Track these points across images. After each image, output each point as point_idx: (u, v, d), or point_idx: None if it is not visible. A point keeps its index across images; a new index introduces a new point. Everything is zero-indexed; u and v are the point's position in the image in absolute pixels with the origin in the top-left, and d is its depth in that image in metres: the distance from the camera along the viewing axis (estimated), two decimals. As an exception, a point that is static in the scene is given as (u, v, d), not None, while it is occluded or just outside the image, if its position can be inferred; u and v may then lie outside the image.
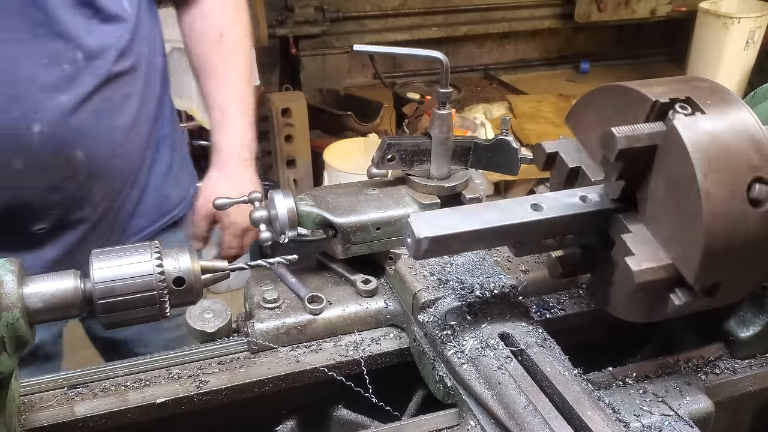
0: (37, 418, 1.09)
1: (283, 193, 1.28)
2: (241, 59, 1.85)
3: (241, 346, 1.24)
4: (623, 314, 1.08)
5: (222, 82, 1.83)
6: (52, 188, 1.62)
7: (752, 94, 1.52)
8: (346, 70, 6.08)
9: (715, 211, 0.90)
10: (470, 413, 1.07)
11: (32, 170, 1.56)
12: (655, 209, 1.00)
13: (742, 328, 1.22)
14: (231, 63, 1.84)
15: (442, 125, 1.30)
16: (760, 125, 0.99)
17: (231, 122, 1.82)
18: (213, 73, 1.83)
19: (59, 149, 1.57)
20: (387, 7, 6.51)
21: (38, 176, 1.58)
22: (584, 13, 6.99)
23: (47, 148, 1.55)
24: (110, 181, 1.71)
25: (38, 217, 1.65)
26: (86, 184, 1.66)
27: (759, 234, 0.93)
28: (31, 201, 1.62)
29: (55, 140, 1.56)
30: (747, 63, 6.41)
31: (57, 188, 1.62)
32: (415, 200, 1.31)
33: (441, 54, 1.26)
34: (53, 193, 1.62)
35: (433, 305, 1.18)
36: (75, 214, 1.70)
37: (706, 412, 1.09)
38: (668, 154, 0.95)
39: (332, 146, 4.68)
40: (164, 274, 0.98)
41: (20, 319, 0.90)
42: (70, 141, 1.58)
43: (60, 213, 1.67)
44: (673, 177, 0.95)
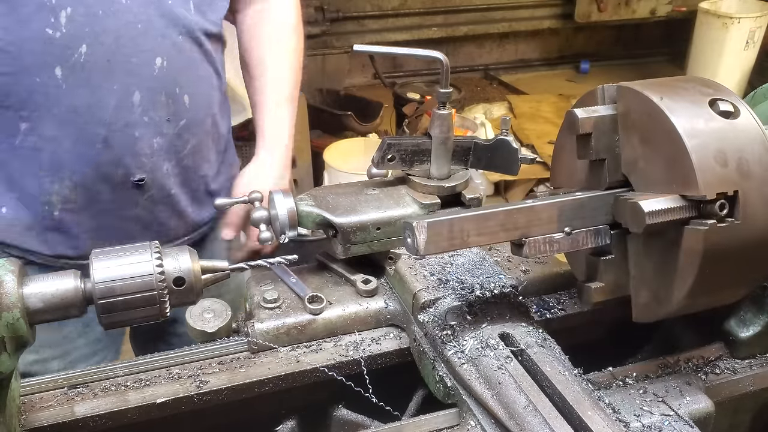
0: (37, 418, 1.09)
1: (283, 193, 1.28)
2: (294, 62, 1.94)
3: (241, 346, 1.24)
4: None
5: (276, 81, 1.91)
6: (157, 130, 1.65)
7: (752, 94, 1.53)
8: (346, 70, 6.08)
9: (683, 122, 0.97)
10: (470, 413, 1.07)
11: (147, 105, 1.62)
12: (642, 165, 1.04)
13: (742, 328, 1.22)
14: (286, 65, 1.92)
15: (442, 125, 1.30)
16: (760, 125, 1.00)
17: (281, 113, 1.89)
18: (266, 73, 1.91)
19: (172, 88, 1.64)
20: (387, 7, 6.51)
21: (150, 112, 1.63)
22: (584, 13, 6.99)
23: (162, 84, 1.62)
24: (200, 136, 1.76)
25: (139, 164, 1.66)
26: (183, 133, 1.70)
27: (741, 138, 0.99)
28: (139, 141, 1.63)
29: (169, 77, 1.63)
30: (747, 63, 6.41)
31: (160, 132, 1.66)
32: (415, 200, 1.31)
33: (441, 54, 1.26)
34: (157, 136, 1.65)
35: (433, 305, 1.18)
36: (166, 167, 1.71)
37: (706, 412, 1.09)
38: (627, 111, 1.05)
39: (332, 146, 4.68)
40: (164, 274, 0.98)
41: (20, 319, 0.90)
42: (182, 82, 1.65)
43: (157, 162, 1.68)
44: (639, 122, 1.03)
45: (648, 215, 0.96)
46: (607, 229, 1.08)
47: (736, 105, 1.01)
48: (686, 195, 0.97)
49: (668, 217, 0.97)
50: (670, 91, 1.02)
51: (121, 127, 1.59)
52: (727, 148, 0.97)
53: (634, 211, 0.98)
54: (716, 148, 0.96)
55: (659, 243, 1.03)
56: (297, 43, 1.96)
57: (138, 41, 1.55)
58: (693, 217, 0.97)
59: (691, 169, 0.95)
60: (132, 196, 1.69)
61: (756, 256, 1.01)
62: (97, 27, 1.49)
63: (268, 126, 1.89)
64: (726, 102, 1.01)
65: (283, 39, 1.94)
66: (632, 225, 1.01)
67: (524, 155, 1.33)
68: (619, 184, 1.10)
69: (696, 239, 0.97)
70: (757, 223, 0.98)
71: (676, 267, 1.01)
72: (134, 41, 1.55)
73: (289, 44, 1.94)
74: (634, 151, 1.05)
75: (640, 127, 1.03)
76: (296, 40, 1.96)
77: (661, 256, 1.04)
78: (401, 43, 6.35)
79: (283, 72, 1.92)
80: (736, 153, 0.97)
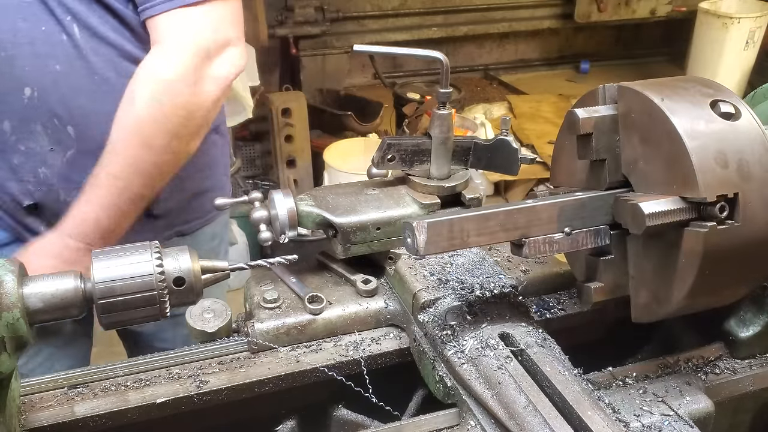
0: (37, 418, 1.09)
1: (283, 193, 1.28)
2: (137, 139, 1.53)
3: (241, 346, 1.24)
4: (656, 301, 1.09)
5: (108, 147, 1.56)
6: (40, 160, 1.61)
7: (752, 94, 1.53)
8: (346, 70, 6.08)
9: (684, 123, 0.97)
10: (470, 413, 1.07)
11: (21, 134, 1.58)
12: (642, 165, 1.04)
13: (742, 328, 1.22)
14: (123, 136, 1.55)
15: (442, 125, 1.30)
16: (761, 127, 1.00)
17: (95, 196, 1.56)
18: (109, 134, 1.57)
19: (48, 119, 1.58)
20: (387, 7, 6.51)
21: (28, 142, 1.59)
22: (584, 13, 6.99)
23: (36, 115, 1.56)
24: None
25: (25, 190, 1.66)
26: (77, 163, 1.62)
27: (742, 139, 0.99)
28: (20, 169, 1.63)
29: (44, 108, 1.56)
30: (747, 63, 6.41)
31: (44, 161, 1.61)
32: (415, 200, 1.31)
33: (441, 54, 1.26)
34: (41, 166, 1.62)
35: (433, 305, 1.18)
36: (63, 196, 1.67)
37: (706, 412, 1.09)
38: (628, 111, 1.05)
39: (332, 146, 4.68)
40: (164, 274, 0.98)
41: (20, 319, 0.90)
42: (61, 113, 1.58)
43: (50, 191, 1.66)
44: (639, 122, 1.03)
45: (648, 217, 0.96)
46: (606, 230, 1.08)
47: (737, 106, 1.01)
48: (686, 197, 0.97)
49: (668, 219, 0.97)
50: (671, 91, 1.02)
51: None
52: (728, 149, 0.97)
53: (634, 212, 0.98)
54: (717, 150, 0.96)
55: (659, 244, 1.03)
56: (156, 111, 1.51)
57: (2, 70, 1.52)
58: (693, 219, 0.97)
59: (692, 171, 0.95)
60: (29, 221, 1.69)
61: (756, 257, 1.01)
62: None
63: (75, 205, 1.58)
64: (727, 103, 1.01)
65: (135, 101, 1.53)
66: (632, 226, 1.01)
67: (524, 155, 1.33)
68: (619, 184, 1.10)
69: (696, 241, 0.97)
70: (757, 225, 0.98)
71: (675, 268, 1.01)
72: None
73: (139, 112, 1.52)
74: (634, 151, 1.05)
75: (640, 127, 1.03)
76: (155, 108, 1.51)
77: (660, 257, 1.04)
78: (401, 43, 6.35)
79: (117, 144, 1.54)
80: (736, 154, 0.97)
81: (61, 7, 1.52)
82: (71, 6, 1.53)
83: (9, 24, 1.50)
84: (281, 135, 4.77)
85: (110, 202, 1.55)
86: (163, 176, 1.61)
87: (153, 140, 1.54)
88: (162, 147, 1.55)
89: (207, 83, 1.57)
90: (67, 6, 1.53)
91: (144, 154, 1.54)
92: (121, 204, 1.56)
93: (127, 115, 1.54)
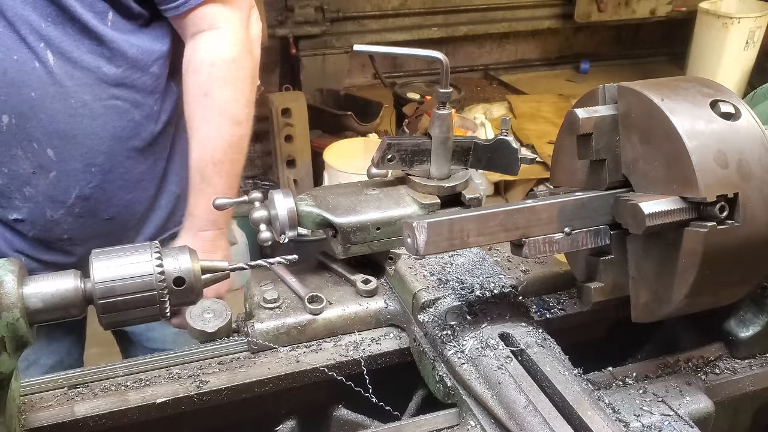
0: (37, 418, 1.09)
1: (283, 193, 1.28)
2: (227, 121, 1.68)
3: (241, 346, 1.24)
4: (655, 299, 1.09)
5: (202, 142, 1.70)
6: (24, 181, 1.64)
7: (752, 94, 1.53)
8: (346, 70, 6.08)
9: (684, 123, 0.97)
10: (470, 413, 1.07)
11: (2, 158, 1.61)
12: (642, 165, 1.04)
13: (742, 328, 1.22)
14: (214, 123, 1.68)
15: (442, 125, 1.30)
16: (761, 127, 1.00)
17: (209, 187, 1.70)
18: (194, 131, 1.70)
19: (27, 143, 1.60)
20: (387, 7, 6.51)
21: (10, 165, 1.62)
22: (584, 13, 6.98)
23: (15, 140, 1.59)
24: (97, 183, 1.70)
25: (12, 205, 1.68)
26: (60, 184, 1.66)
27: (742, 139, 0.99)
28: (6, 188, 1.65)
29: (22, 134, 1.58)
30: (747, 63, 6.41)
31: (27, 182, 1.64)
32: (415, 200, 1.31)
33: (441, 54, 1.26)
34: (25, 186, 1.65)
35: (433, 305, 1.18)
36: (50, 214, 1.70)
37: (706, 412, 1.09)
38: (628, 111, 1.05)
39: (332, 146, 4.68)
40: (164, 274, 0.98)
41: (20, 319, 0.90)
42: (39, 137, 1.60)
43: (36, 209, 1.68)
44: (639, 122, 1.03)
45: (648, 217, 0.96)
46: (606, 230, 1.08)
47: (737, 106, 1.01)
48: (686, 197, 0.97)
49: (668, 219, 0.97)
50: (671, 91, 1.02)
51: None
52: (728, 149, 0.97)
53: (635, 212, 0.98)
54: (717, 150, 0.96)
55: (659, 244, 1.03)
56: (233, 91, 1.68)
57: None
58: (693, 219, 0.97)
59: (692, 171, 0.95)
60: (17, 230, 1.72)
61: (756, 257, 1.01)
62: None
63: (192, 203, 1.73)
64: (727, 103, 1.01)
65: (212, 91, 1.67)
66: (632, 226, 1.01)
67: (524, 155, 1.33)
68: (619, 184, 1.10)
69: (696, 241, 0.97)
70: (757, 225, 0.98)
71: (675, 268, 1.01)
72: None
73: (220, 95, 1.67)
74: (634, 151, 1.05)
75: (640, 127, 1.03)
76: (230, 89, 1.67)
77: (660, 257, 1.04)
78: (401, 43, 6.35)
79: (207, 133, 1.69)
80: (736, 154, 0.97)
81: (34, 34, 1.53)
82: (45, 33, 1.54)
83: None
84: (281, 135, 4.77)
85: (223, 185, 1.70)
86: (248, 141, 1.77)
87: (239, 116, 1.70)
88: (246, 118, 1.72)
89: (254, 48, 1.76)
90: (40, 33, 1.54)
91: (236, 131, 1.70)
92: (231, 182, 1.72)
93: (209, 105, 1.67)
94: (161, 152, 1.81)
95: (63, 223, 1.72)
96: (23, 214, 1.69)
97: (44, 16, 1.53)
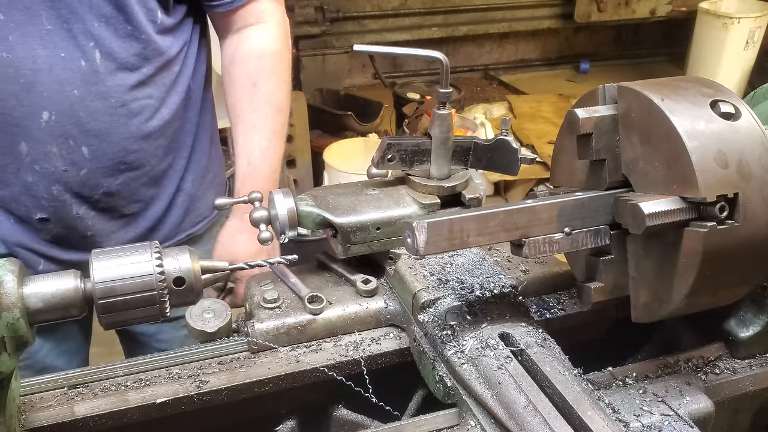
0: (37, 418, 1.09)
1: (283, 193, 1.28)
2: (273, 110, 1.81)
3: (241, 346, 1.24)
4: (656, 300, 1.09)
5: (250, 131, 1.81)
6: (54, 179, 1.65)
7: (752, 94, 1.53)
8: (346, 70, 6.08)
9: (684, 123, 0.97)
10: (470, 413, 1.07)
11: (36, 155, 1.61)
12: (642, 165, 1.04)
13: (742, 328, 1.22)
14: (262, 113, 1.80)
15: (442, 125, 1.30)
16: (761, 127, 1.00)
17: (256, 173, 1.81)
18: (243, 120, 1.81)
19: (64, 140, 1.61)
20: (387, 7, 6.51)
21: (42, 162, 1.62)
22: (584, 13, 6.99)
23: (52, 137, 1.60)
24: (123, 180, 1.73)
25: (39, 204, 1.68)
26: (89, 181, 1.68)
27: (742, 139, 0.99)
28: (34, 186, 1.66)
29: (60, 130, 1.60)
30: (747, 63, 6.41)
31: (58, 179, 1.66)
32: (415, 200, 1.31)
33: (441, 54, 1.26)
34: (55, 184, 1.66)
35: (433, 305, 1.18)
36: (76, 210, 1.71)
37: (706, 412, 1.09)
38: (628, 111, 1.05)
39: (332, 146, 4.68)
40: (164, 274, 0.98)
41: (20, 319, 0.90)
42: (76, 134, 1.62)
43: (62, 206, 1.70)
44: (639, 122, 1.03)
45: (648, 217, 0.96)
46: (606, 230, 1.08)
47: (737, 106, 1.01)
48: (686, 197, 0.97)
49: (668, 219, 0.97)
50: (671, 91, 1.02)
51: (13, 171, 1.63)
52: (728, 149, 0.97)
53: (635, 212, 0.98)
54: (717, 150, 0.96)
55: (659, 244, 1.03)
56: (278, 81, 1.81)
57: (19, 96, 1.55)
58: (693, 219, 0.97)
59: (692, 171, 0.95)
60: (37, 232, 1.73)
61: (756, 257, 1.01)
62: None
63: (239, 189, 1.81)
64: (727, 103, 1.01)
65: (260, 82, 1.79)
66: (632, 226, 1.01)
67: (524, 155, 1.33)
68: (619, 184, 1.10)
69: (696, 241, 0.97)
70: (757, 225, 0.98)
71: (675, 268, 1.01)
72: (15, 95, 1.54)
73: (267, 85, 1.79)
74: (634, 151, 1.05)
75: (640, 127, 1.03)
76: (276, 80, 1.81)
77: (660, 257, 1.04)
78: (401, 43, 6.36)
79: (257, 120, 1.80)
80: (736, 154, 0.97)
81: (85, 33, 1.55)
82: (96, 32, 1.56)
83: (28, 51, 1.53)
84: (281, 135, 4.76)
85: (268, 169, 1.81)
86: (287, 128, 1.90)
87: (282, 104, 1.82)
88: (287, 106, 1.84)
89: (289, 41, 1.87)
90: (92, 32, 1.56)
91: (280, 118, 1.82)
92: (275, 167, 1.83)
93: (257, 95, 1.78)
94: (182, 150, 1.84)
95: (87, 218, 1.73)
96: (48, 213, 1.70)
97: (98, 16, 1.55)
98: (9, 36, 1.51)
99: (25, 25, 1.51)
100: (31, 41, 1.52)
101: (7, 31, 1.51)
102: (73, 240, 1.76)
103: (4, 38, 1.51)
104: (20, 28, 1.51)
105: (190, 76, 1.79)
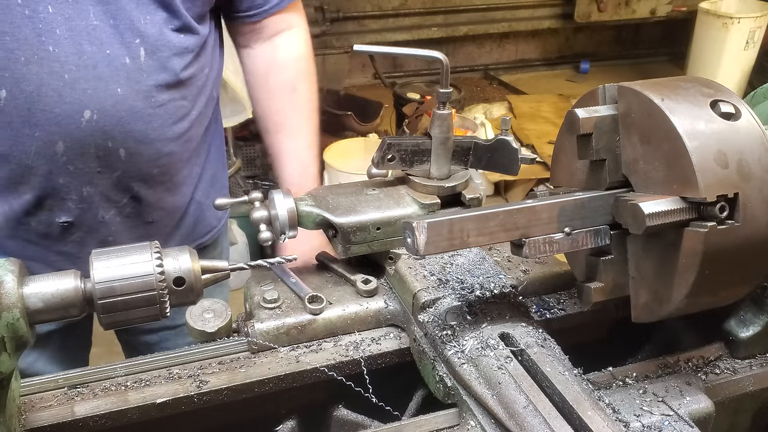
0: (37, 418, 1.09)
1: (283, 193, 1.28)
2: (313, 109, 1.91)
3: (241, 346, 1.24)
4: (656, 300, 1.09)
5: (296, 134, 1.90)
6: (86, 180, 1.62)
7: (752, 94, 1.53)
8: (346, 70, 6.08)
9: (684, 123, 0.97)
10: (470, 413, 1.07)
11: (73, 156, 1.58)
12: (642, 165, 1.04)
13: (742, 328, 1.22)
14: (304, 115, 1.90)
15: (442, 125, 1.30)
16: (761, 127, 1.00)
17: (308, 172, 1.90)
18: (286, 126, 1.89)
19: (103, 141, 1.58)
20: (387, 7, 6.51)
21: (77, 163, 1.59)
22: (584, 13, 7.00)
23: (91, 137, 1.57)
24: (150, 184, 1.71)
25: (65, 207, 1.65)
26: (120, 184, 1.66)
27: (742, 139, 0.99)
28: (64, 188, 1.62)
29: (100, 131, 1.57)
30: (747, 63, 6.41)
31: (90, 181, 1.63)
32: (415, 200, 1.31)
33: (441, 54, 1.26)
34: (86, 185, 1.63)
35: (433, 305, 1.18)
36: (102, 214, 1.69)
37: (706, 412, 1.09)
38: (628, 111, 1.05)
39: (332, 146, 4.68)
40: (164, 274, 0.98)
41: (20, 319, 0.90)
42: (116, 136, 1.59)
43: (88, 210, 1.67)
44: (639, 122, 1.03)
45: (648, 217, 0.96)
46: (607, 230, 1.08)
47: (737, 106, 1.01)
48: (686, 197, 0.97)
49: (668, 219, 0.97)
50: (671, 91, 1.02)
51: (45, 173, 1.58)
52: (728, 149, 0.97)
53: (635, 212, 0.98)
54: (717, 150, 0.96)
55: (659, 244, 1.03)
56: (311, 83, 1.91)
57: (62, 92, 1.50)
58: (693, 219, 0.97)
59: (692, 171, 0.95)
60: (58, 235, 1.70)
61: (756, 257, 1.01)
62: (17, 73, 1.47)
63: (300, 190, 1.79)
64: (727, 103, 1.01)
65: (298, 85, 1.89)
66: (632, 226, 1.01)
67: (524, 155, 1.33)
68: (619, 184, 1.10)
69: (696, 241, 0.97)
70: (757, 225, 0.98)
71: (675, 268, 1.01)
72: (58, 92, 1.50)
73: (304, 88, 1.89)
74: (634, 151, 1.05)
75: (640, 127, 1.03)
76: (310, 82, 1.91)
77: (660, 257, 1.04)
78: (401, 43, 6.36)
79: (301, 123, 1.90)
80: (736, 154, 0.97)
81: (132, 30, 1.53)
82: (143, 29, 1.54)
83: (74, 47, 1.49)
84: (281, 135, 4.76)
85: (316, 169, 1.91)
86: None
87: (316, 104, 1.92)
88: (318, 105, 1.94)
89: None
90: (139, 29, 1.54)
91: (316, 117, 1.93)
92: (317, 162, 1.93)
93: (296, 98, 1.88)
94: (200, 156, 1.84)
95: (112, 224, 1.71)
96: (74, 216, 1.67)
97: (146, 12, 1.54)
98: (57, 30, 1.47)
99: (73, 19, 1.48)
100: (78, 36, 1.49)
101: (55, 24, 1.47)
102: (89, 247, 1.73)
103: (52, 31, 1.47)
104: (68, 23, 1.48)
105: (214, 79, 1.79)
